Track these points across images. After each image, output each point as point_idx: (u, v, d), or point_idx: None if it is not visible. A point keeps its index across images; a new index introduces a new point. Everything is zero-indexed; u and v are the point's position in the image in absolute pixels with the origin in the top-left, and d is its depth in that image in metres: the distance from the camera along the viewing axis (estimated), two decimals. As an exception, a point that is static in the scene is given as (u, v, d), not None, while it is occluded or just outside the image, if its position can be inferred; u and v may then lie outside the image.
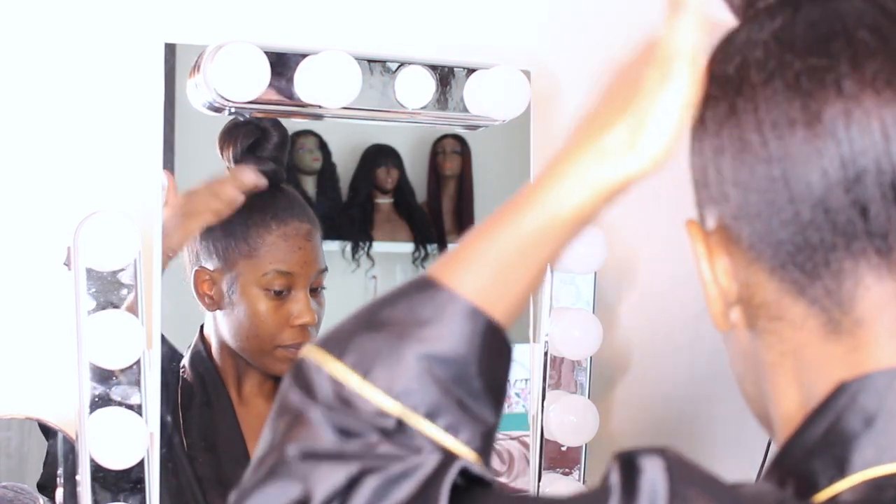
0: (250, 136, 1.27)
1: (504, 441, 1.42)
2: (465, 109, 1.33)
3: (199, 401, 1.27)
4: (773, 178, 0.62)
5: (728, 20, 0.70)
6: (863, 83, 0.61)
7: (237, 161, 1.27)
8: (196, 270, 1.26)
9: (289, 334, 1.28)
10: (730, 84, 0.65)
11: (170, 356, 1.24)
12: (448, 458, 0.62)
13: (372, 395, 0.63)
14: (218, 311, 1.27)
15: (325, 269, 1.31)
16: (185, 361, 1.27)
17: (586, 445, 1.42)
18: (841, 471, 0.61)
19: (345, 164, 1.34)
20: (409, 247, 1.38)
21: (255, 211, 1.27)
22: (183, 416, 1.25)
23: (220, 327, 1.28)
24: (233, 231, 1.26)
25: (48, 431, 1.22)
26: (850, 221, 0.61)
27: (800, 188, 0.61)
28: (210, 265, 1.26)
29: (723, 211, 0.66)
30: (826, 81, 0.61)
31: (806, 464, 0.62)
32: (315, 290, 1.30)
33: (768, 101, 0.62)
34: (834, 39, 0.62)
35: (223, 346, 1.28)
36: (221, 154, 1.27)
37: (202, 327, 1.28)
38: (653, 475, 0.57)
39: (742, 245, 0.65)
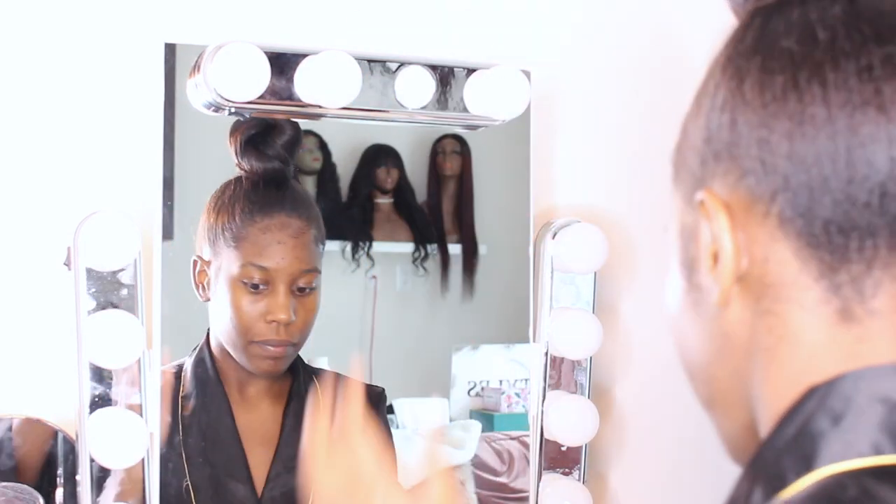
0: (253, 128, 1.26)
1: (504, 441, 1.42)
2: (465, 109, 1.33)
3: (198, 405, 1.27)
4: (835, 154, 0.62)
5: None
6: None
7: (239, 155, 1.26)
8: (194, 260, 1.26)
9: (262, 329, 1.26)
10: (788, 58, 0.64)
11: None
12: None
13: None
14: (208, 303, 1.27)
15: (314, 270, 1.29)
16: (188, 365, 1.27)
17: (586, 445, 1.42)
18: (808, 466, 0.61)
19: (345, 164, 1.34)
20: (409, 247, 1.38)
21: (246, 203, 1.27)
22: (181, 421, 1.24)
23: (213, 322, 1.28)
24: (222, 222, 1.26)
25: (48, 431, 1.22)
26: None
27: (863, 170, 0.61)
28: (205, 254, 1.26)
29: (756, 184, 0.65)
30: None
31: (776, 463, 0.63)
32: (302, 290, 1.28)
33: (838, 80, 0.62)
34: None
35: (221, 347, 1.28)
36: (230, 149, 1.27)
37: (209, 331, 1.28)
38: None
39: (771, 220, 0.65)
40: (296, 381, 1.32)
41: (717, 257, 0.67)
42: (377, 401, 1.34)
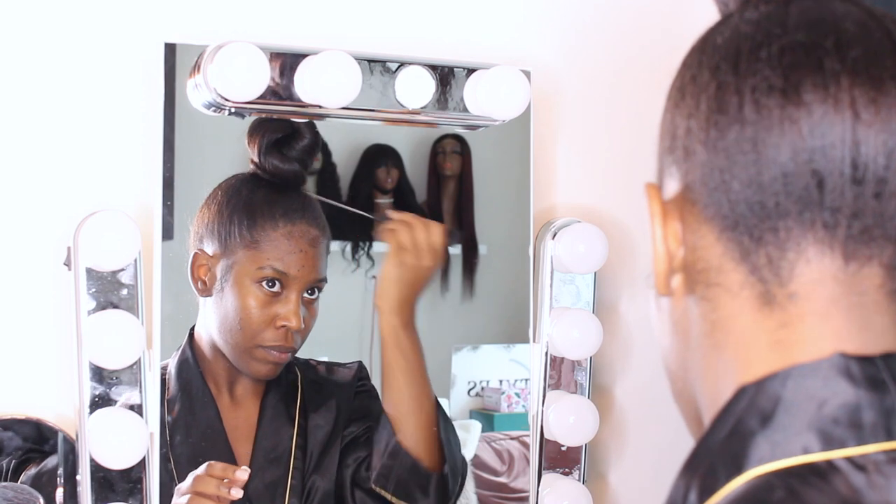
0: (279, 131, 1.27)
1: (504, 441, 1.42)
2: (465, 109, 1.33)
3: (184, 408, 1.27)
4: (743, 138, 0.64)
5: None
6: (843, 64, 0.63)
7: (262, 154, 1.27)
8: (195, 253, 1.25)
9: (271, 335, 1.27)
10: (716, 52, 0.67)
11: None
12: None
13: None
14: (208, 299, 1.26)
15: (324, 280, 1.30)
16: (172, 367, 1.26)
17: (586, 445, 1.42)
18: (738, 468, 0.62)
19: (345, 164, 1.34)
20: (409, 247, 1.38)
21: (265, 204, 1.27)
22: (168, 424, 1.24)
23: (209, 319, 1.27)
24: (239, 219, 1.26)
25: (48, 431, 1.22)
26: (807, 190, 0.63)
27: (767, 152, 0.64)
28: (209, 249, 1.26)
29: (686, 170, 0.68)
30: (810, 57, 0.64)
31: (710, 464, 0.64)
32: (310, 299, 1.29)
33: (751, 68, 0.65)
34: (821, 24, 0.65)
35: (214, 345, 1.28)
36: (248, 148, 1.27)
37: (192, 331, 1.28)
38: None
39: (698, 206, 0.67)
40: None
41: None
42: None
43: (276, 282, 1.26)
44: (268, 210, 1.27)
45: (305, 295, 1.28)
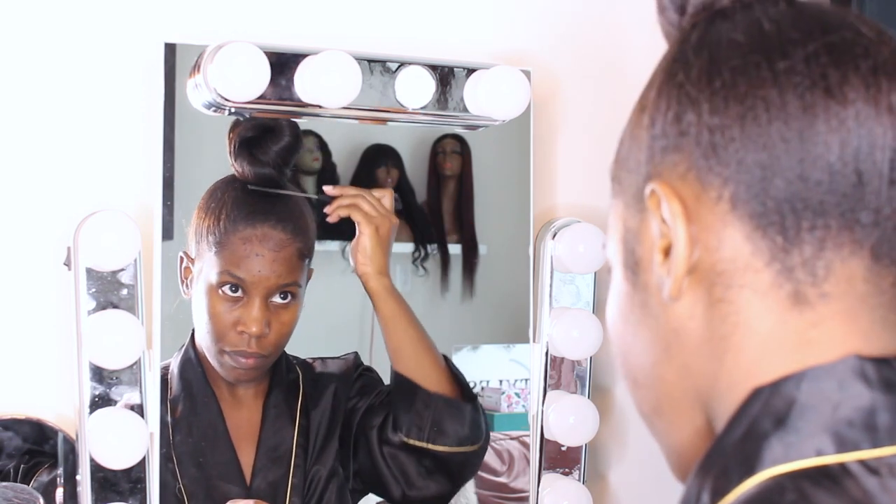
0: (250, 130, 1.26)
1: (504, 441, 1.42)
2: (465, 109, 1.33)
3: (187, 408, 1.27)
4: (787, 135, 0.63)
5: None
6: (878, 65, 0.63)
7: (232, 156, 1.26)
8: (180, 255, 1.25)
9: (233, 339, 1.25)
10: (735, 48, 0.66)
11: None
12: None
13: None
14: (190, 299, 1.26)
15: (295, 284, 1.27)
16: (174, 367, 1.26)
17: (586, 445, 1.42)
18: (750, 469, 0.61)
19: (345, 164, 1.34)
20: (409, 247, 1.38)
21: (234, 208, 1.26)
22: (171, 424, 1.24)
23: (193, 321, 1.27)
24: (209, 223, 1.25)
25: (48, 431, 1.22)
26: (851, 188, 0.63)
27: (815, 149, 0.63)
28: (191, 251, 1.26)
29: (708, 171, 0.65)
30: (847, 57, 0.63)
31: (723, 465, 0.63)
32: (281, 303, 1.26)
33: (789, 66, 0.64)
34: (844, 27, 0.65)
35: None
36: (227, 147, 1.27)
37: (194, 331, 1.28)
38: None
39: (722, 205, 0.65)
40: (277, 373, 1.31)
41: (667, 251, 0.67)
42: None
43: (238, 287, 1.25)
44: (233, 214, 1.25)
45: (277, 300, 1.26)
